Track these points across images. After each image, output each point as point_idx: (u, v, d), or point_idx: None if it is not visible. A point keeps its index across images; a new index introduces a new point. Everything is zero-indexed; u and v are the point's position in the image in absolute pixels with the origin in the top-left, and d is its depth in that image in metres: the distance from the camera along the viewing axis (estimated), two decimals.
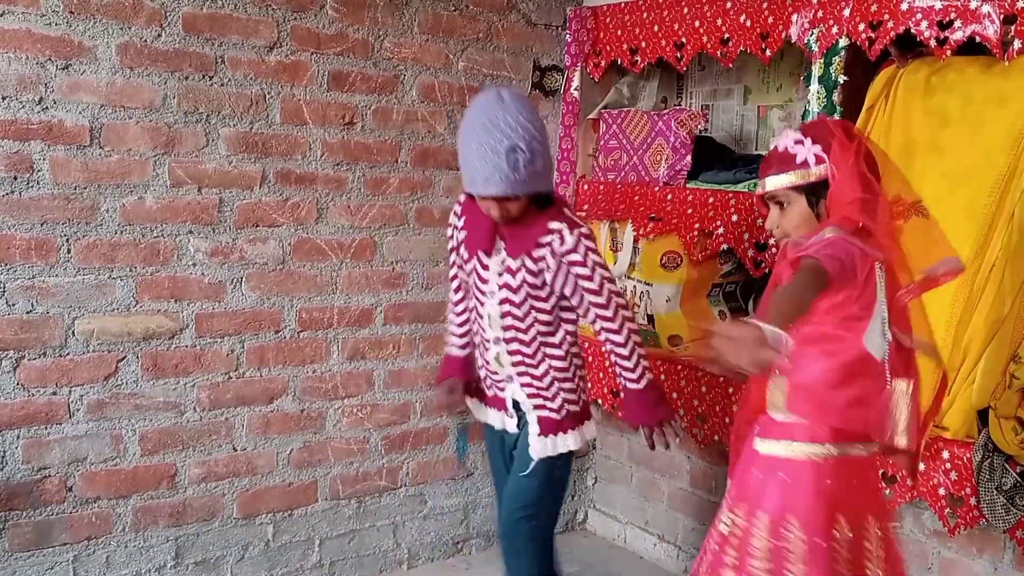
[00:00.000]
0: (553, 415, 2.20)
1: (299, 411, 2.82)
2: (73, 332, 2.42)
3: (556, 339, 2.18)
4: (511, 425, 2.26)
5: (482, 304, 2.19)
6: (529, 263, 2.09)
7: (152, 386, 2.55)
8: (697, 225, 2.76)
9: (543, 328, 2.16)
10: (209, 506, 2.69)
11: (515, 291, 2.12)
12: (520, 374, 2.19)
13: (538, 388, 2.19)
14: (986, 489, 2.10)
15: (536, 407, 2.20)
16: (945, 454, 2.19)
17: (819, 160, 1.74)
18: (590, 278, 2.08)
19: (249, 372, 2.71)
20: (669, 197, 2.86)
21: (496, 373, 2.23)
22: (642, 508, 3.35)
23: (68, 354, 2.42)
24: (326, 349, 2.84)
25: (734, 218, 2.67)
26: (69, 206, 2.38)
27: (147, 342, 2.53)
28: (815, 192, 1.76)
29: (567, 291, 2.12)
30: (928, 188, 2.16)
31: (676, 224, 2.83)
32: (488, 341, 2.20)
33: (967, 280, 2.09)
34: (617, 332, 2.14)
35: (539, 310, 2.14)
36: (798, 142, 1.77)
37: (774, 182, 1.79)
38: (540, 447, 2.20)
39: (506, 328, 2.15)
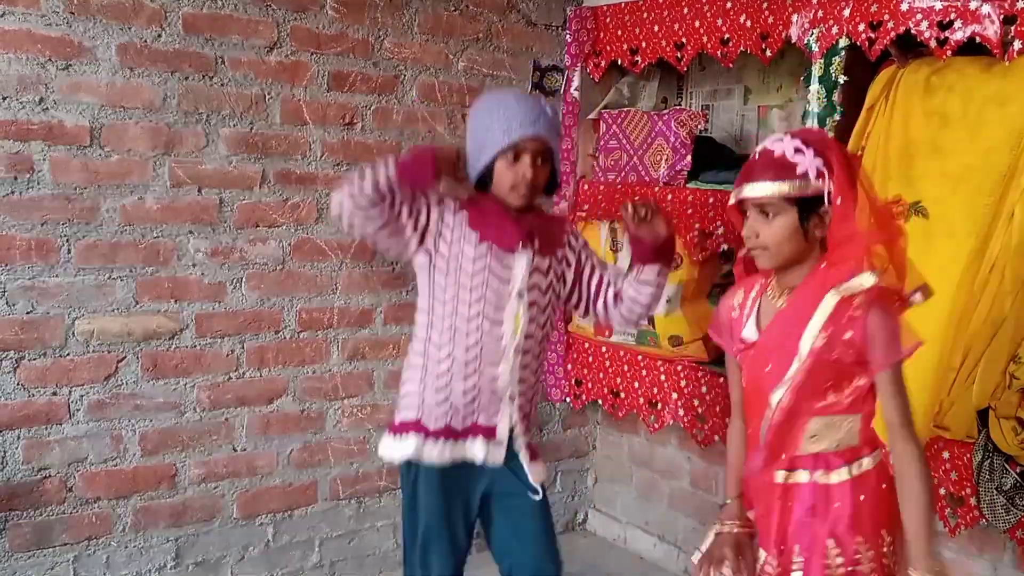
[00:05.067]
0: (533, 441, 2.06)
1: (299, 411, 2.81)
2: (73, 332, 2.42)
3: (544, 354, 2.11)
4: (498, 455, 1.97)
5: (500, 308, 1.94)
6: (555, 264, 2.04)
7: (152, 386, 2.55)
8: (697, 225, 2.76)
9: (546, 343, 2.09)
10: (209, 506, 2.69)
11: (544, 293, 2.00)
12: (522, 392, 1.99)
13: (525, 412, 2.02)
14: (986, 489, 2.10)
15: (525, 431, 2.02)
16: (945, 454, 2.19)
17: (819, 175, 1.62)
18: (604, 264, 2.14)
19: (249, 372, 2.71)
20: (669, 197, 2.86)
21: (494, 394, 1.96)
22: (642, 508, 3.35)
23: (68, 354, 2.42)
24: (326, 349, 2.84)
25: None
26: (69, 206, 2.38)
27: (147, 342, 2.53)
28: (808, 207, 1.64)
29: (574, 286, 2.10)
30: (928, 188, 2.17)
31: (676, 224, 2.81)
32: (498, 353, 1.95)
33: (967, 280, 2.09)
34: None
35: (550, 321, 2.07)
36: (798, 150, 1.63)
37: (767, 188, 1.64)
38: (538, 471, 2.02)
39: (527, 336, 1.97)
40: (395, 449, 2.00)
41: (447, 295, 1.95)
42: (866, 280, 1.62)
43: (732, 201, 1.76)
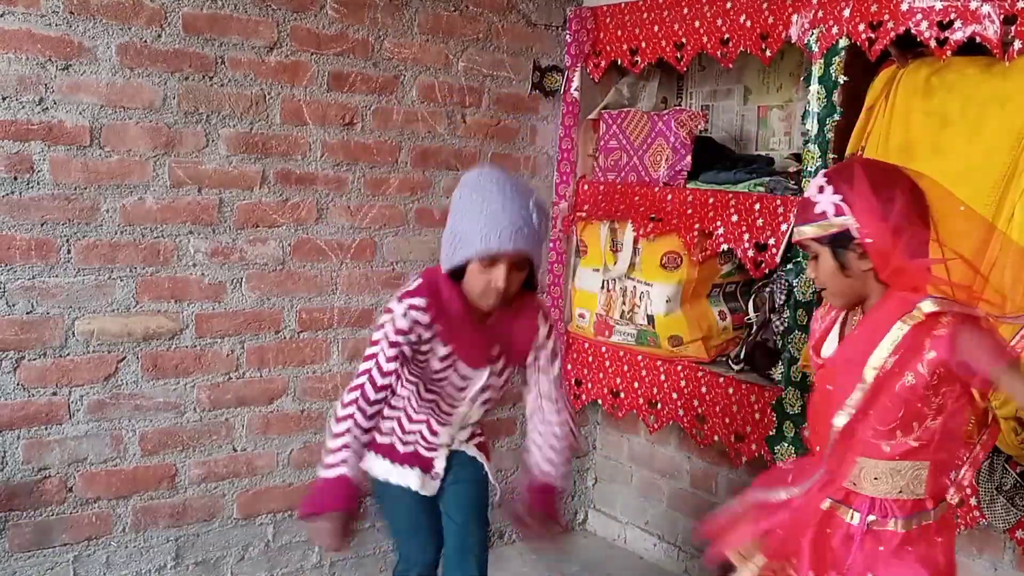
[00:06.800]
0: (483, 438, 2.22)
1: (299, 411, 2.81)
2: (73, 332, 2.42)
3: None
4: (432, 487, 2.14)
5: (453, 405, 2.06)
6: (510, 367, 2.07)
7: (152, 386, 2.55)
8: (697, 225, 2.76)
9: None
10: (209, 506, 2.69)
11: (499, 389, 2.08)
12: (470, 426, 2.16)
13: (479, 434, 2.20)
14: (986, 489, 2.10)
15: (469, 439, 2.18)
16: None
17: (838, 211, 1.61)
18: (550, 367, 2.08)
19: (249, 372, 2.71)
20: (669, 197, 2.86)
21: (435, 440, 2.11)
22: (642, 508, 3.35)
23: (68, 354, 2.42)
24: (326, 349, 2.84)
25: (734, 218, 2.67)
26: (69, 206, 2.38)
27: (147, 342, 2.53)
28: (840, 244, 1.63)
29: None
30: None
31: (676, 224, 2.83)
32: (445, 423, 2.10)
33: (967, 280, 2.08)
34: (557, 414, 2.09)
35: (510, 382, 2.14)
36: (820, 189, 1.65)
37: (799, 232, 1.69)
38: (489, 466, 2.20)
39: (483, 413, 2.12)
40: (371, 466, 2.16)
41: (411, 377, 2.03)
42: (925, 307, 1.58)
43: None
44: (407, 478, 2.12)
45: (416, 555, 2.21)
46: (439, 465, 2.12)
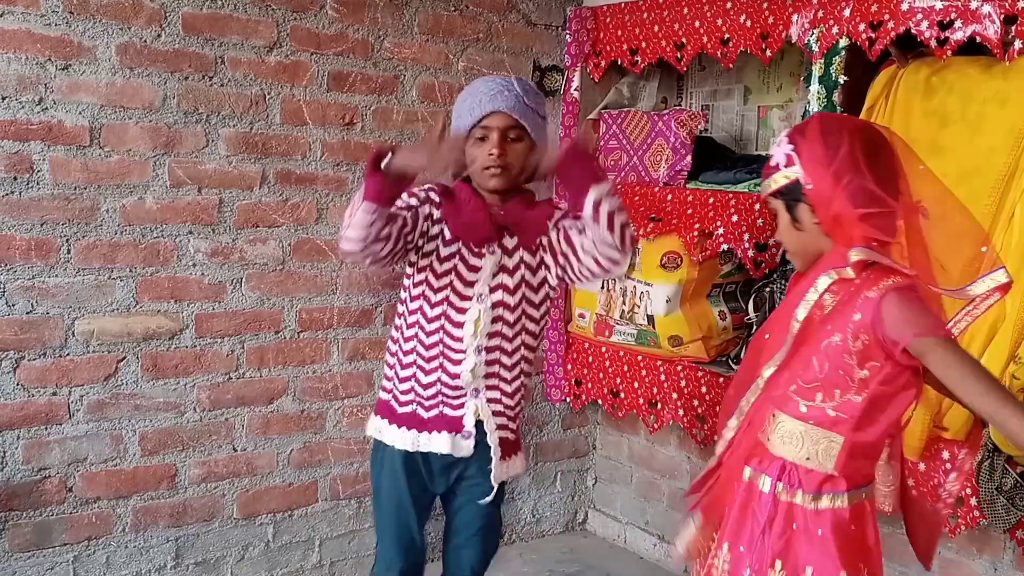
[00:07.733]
0: (511, 435, 2.08)
1: (299, 411, 2.82)
2: (73, 332, 2.42)
3: (535, 352, 2.08)
4: (466, 448, 2.00)
5: (462, 310, 1.95)
6: (528, 258, 1.99)
7: (152, 386, 2.55)
8: (697, 225, 2.76)
9: (528, 339, 2.04)
10: (209, 506, 2.69)
11: (512, 292, 1.98)
12: (490, 387, 2.01)
13: (505, 405, 2.04)
14: (986, 489, 2.10)
15: (499, 427, 2.04)
16: (945, 454, 2.19)
17: (789, 161, 1.57)
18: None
19: (249, 372, 2.71)
20: (669, 197, 2.86)
21: (458, 388, 1.98)
22: (642, 508, 3.35)
23: (68, 354, 2.42)
24: (326, 349, 2.84)
25: (734, 218, 2.67)
26: (69, 206, 2.38)
27: (147, 342, 2.53)
28: (792, 196, 1.59)
29: (557, 260, 1.98)
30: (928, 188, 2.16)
31: (676, 224, 2.83)
32: (460, 352, 1.96)
33: (967, 280, 2.08)
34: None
35: (530, 317, 2.03)
36: (779, 144, 1.62)
37: (761, 190, 1.66)
38: (502, 470, 2.06)
39: (492, 335, 1.97)
40: (368, 426, 2.13)
41: (415, 292, 1.99)
42: (852, 255, 1.52)
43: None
44: (435, 444, 2.00)
45: (392, 557, 2.12)
46: (468, 422, 1.99)
